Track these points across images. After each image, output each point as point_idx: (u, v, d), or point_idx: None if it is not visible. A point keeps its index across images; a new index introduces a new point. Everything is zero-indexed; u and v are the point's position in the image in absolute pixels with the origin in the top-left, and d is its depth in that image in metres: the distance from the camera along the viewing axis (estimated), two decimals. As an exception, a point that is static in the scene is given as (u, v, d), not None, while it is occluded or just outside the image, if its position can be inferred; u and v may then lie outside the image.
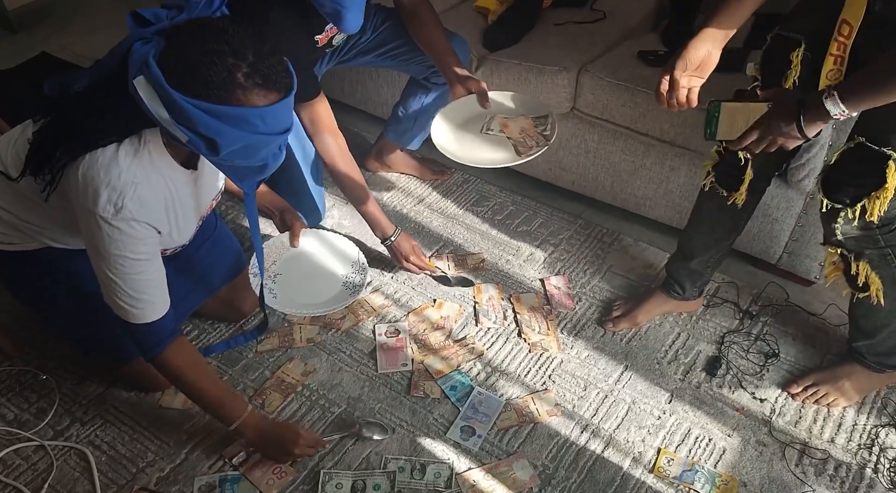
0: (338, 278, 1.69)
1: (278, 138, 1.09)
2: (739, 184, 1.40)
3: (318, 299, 1.65)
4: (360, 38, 1.76)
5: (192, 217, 1.34)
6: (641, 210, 1.92)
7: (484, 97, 1.59)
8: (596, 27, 1.97)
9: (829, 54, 1.14)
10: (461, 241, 1.93)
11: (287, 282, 1.66)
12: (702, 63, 1.24)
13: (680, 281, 1.63)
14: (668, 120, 1.72)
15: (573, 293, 1.77)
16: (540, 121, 1.62)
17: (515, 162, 1.56)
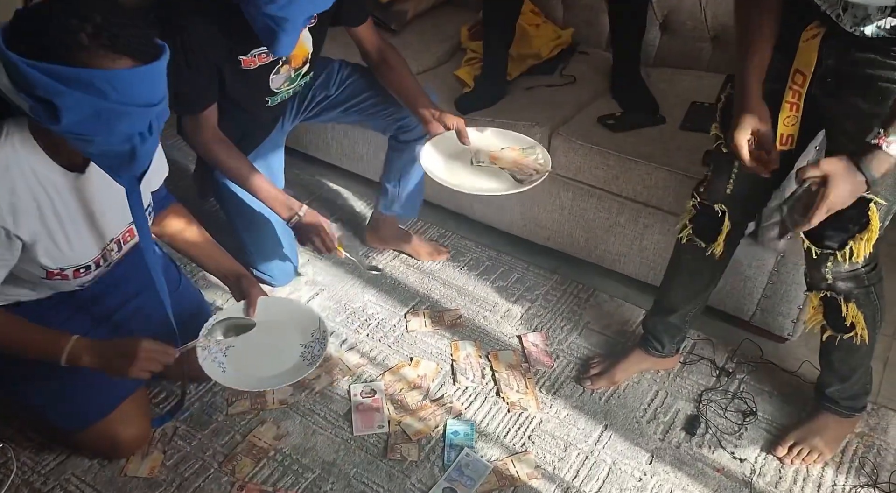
0: (295, 348, 1.45)
1: (138, 112, 1.02)
2: (717, 235, 1.42)
3: (271, 372, 1.41)
4: (325, 94, 1.75)
5: (85, 230, 1.23)
6: (616, 266, 1.94)
7: (462, 133, 1.58)
8: (567, 90, 2.03)
9: (786, 102, 1.19)
10: (438, 296, 1.92)
11: (239, 355, 1.42)
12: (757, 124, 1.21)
13: (658, 337, 1.63)
14: (641, 181, 1.75)
15: (551, 350, 1.76)
16: (528, 151, 1.61)
17: (521, 189, 1.53)
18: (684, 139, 1.78)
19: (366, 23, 1.62)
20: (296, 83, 1.64)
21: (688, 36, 2.09)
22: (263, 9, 1.24)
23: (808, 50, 1.15)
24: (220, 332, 1.40)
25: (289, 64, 1.56)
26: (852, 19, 1.09)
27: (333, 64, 1.76)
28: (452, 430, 1.55)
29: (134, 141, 1.05)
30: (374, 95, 1.73)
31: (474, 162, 1.61)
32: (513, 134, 1.66)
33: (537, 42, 2.14)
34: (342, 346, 1.76)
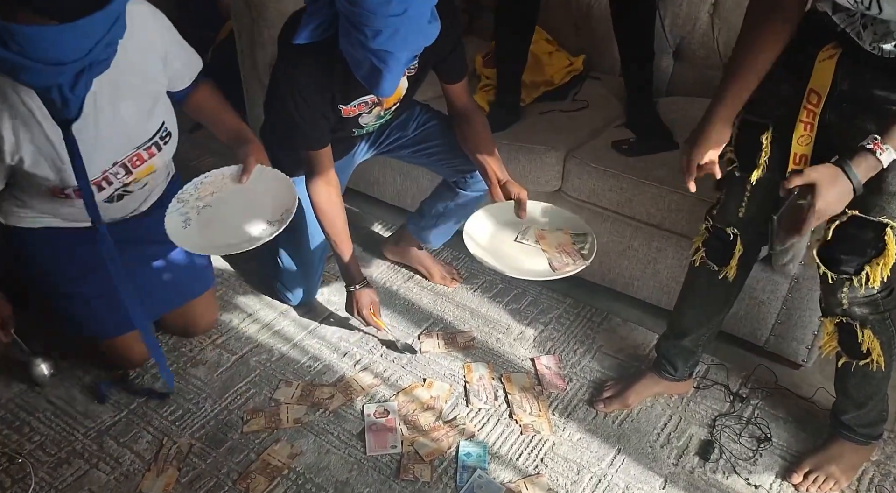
0: (261, 223, 1.46)
1: (41, 68, 1.04)
2: (730, 258, 1.43)
3: (227, 240, 1.43)
4: (400, 134, 1.79)
5: (90, 152, 1.30)
6: (629, 290, 1.94)
7: (522, 206, 1.57)
8: (580, 115, 2.05)
9: (800, 121, 1.19)
10: (451, 318, 1.93)
11: (210, 216, 1.45)
12: (716, 145, 1.28)
13: (671, 360, 1.63)
14: (654, 204, 1.77)
15: (564, 373, 1.77)
16: (579, 238, 1.56)
17: (548, 277, 1.49)
18: (697, 164, 1.79)
19: (461, 81, 1.65)
20: (383, 119, 1.69)
21: (700, 64, 2.11)
22: (370, 44, 1.25)
23: (824, 70, 1.16)
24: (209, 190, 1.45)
25: (380, 106, 1.60)
26: (872, 36, 1.09)
27: (415, 107, 1.80)
28: (465, 451, 1.55)
29: (53, 93, 1.10)
30: (447, 143, 1.75)
31: (519, 238, 1.58)
32: (572, 217, 1.60)
33: (550, 69, 2.17)
34: (356, 366, 1.77)
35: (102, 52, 1.09)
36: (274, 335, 1.86)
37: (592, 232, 1.56)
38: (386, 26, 1.23)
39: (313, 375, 1.75)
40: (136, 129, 1.39)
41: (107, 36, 1.08)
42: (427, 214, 1.93)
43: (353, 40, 1.28)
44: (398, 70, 1.32)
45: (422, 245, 2.03)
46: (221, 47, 2.71)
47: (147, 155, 1.42)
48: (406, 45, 1.28)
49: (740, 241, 1.40)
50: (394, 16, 1.22)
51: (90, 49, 1.06)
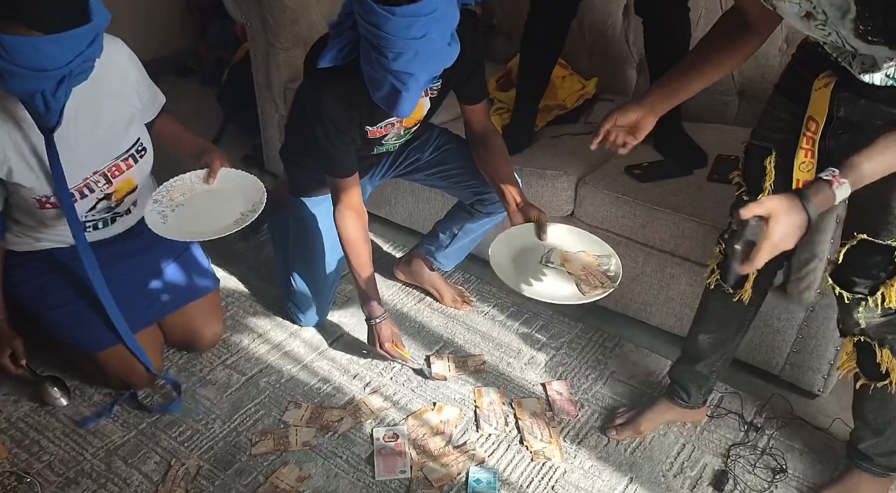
0: (234, 214, 1.54)
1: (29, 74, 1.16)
2: (744, 280, 1.41)
3: (204, 229, 1.51)
4: (418, 156, 1.80)
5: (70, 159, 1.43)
6: (642, 316, 1.93)
7: (542, 228, 1.56)
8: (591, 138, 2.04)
9: (800, 148, 1.20)
10: (461, 341, 1.92)
11: (183, 213, 1.55)
12: (635, 126, 1.33)
13: (685, 386, 1.61)
14: (668, 231, 1.76)
15: (575, 399, 1.75)
16: (603, 260, 1.54)
17: (580, 301, 1.47)
18: (711, 190, 1.79)
19: (480, 103, 1.67)
20: (403, 139, 1.69)
21: (714, 89, 2.11)
22: (390, 66, 1.27)
23: (821, 98, 1.17)
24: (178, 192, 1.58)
25: (401, 122, 1.61)
26: (861, 66, 1.11)
27: (434, 130, 1.82)
28: (475, 478, 1.53)
29: (37, 99, 1.22)
30: (463, 166, 1.76)
31: (544, 261, 1.55)
32: (592, 238, 1.59)
33: (563, 93, 2.18)
34: (366, 389, 1.76)
35: (81, 65, 1.23)
36: (284, 356, 1.86)
37: (615, 253, 1.55)
38: (407, 49, 1.25)
39: (323, 397, 1.74)
40: (113, 141, 1.53)
41: (85, 51, 1.22)
42: (441, 235, 1.93)
43: (374, 62, 1.30)
44: (417, 91, 1.34)
45: (434, 267, 2.03)
46: (237, 69, 2.74)
47: (125, 166, 1.56)
48: (426, 67, 1.30)
49: None
50: (414, 39, 1.24)
51: (70, 60, 1.19)
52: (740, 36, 1.24)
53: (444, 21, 1.27)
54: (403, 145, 1.77)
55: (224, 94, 2.82)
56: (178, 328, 1.78)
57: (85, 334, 1.62)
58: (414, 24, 1.22)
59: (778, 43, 2.00)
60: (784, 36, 1.99)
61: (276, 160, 2.54)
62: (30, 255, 1.62)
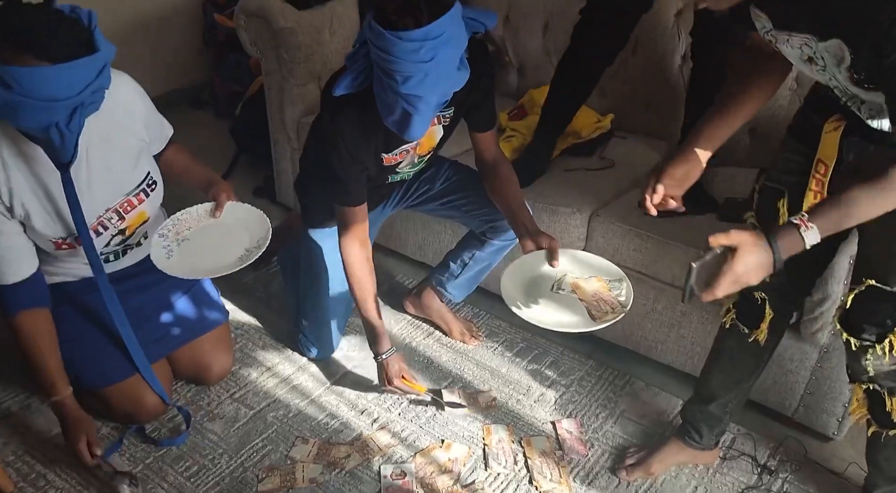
0: (239, 249, 1.54)
1: (41, 105, 1.19)
2: (760, 321, 1.40)
3: (209, 265, 1.52)
4: (428, 187, 1.82)
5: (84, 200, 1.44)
6: (653, 354, 1.91)
7: (554, 255, 1.54)
8: (605, 174, 2.06)
9: (809, 190, 1.20)
10: (470, 377, 1.91)
11: (189, 247, 1.55)
12: (681, 178, 1.32)
13: (697, 427, 1.59)
14: (679, 266, 1.75)
15: (586, 438, 1.73)
16: (614, 285, 1.53)
17: (590, 328, 1.46)
18: (723, 229, 1.76)
19: (490, 131, 1.69)
20: (417, 167, 1.71)
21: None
22: (400, 89, 1.30)
23: (830, 141, 1.17)
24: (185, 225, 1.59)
25: (414, 150, 1.63)
26: (868, 112, 1.11)
27: (444, 161, 1.85)
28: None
29: (51, 132, 1.23)
30: (474, 194, 1.77)
31: (555, 288, 1.54)
32: (604, 262, 1.58)
33: (578, 122, 2.19)
34: (374, 424, 1.75)
35: (91, 95, 1.25)
36: (292, 390, 1.85)
37: (626, 277, 1.54)
38: (416, 72, 1.28)
39: (330, 432, 1.73)
40: (124, 177, 1.54)
41: (95, 81, 1.24)
42: (452, 264, 1.93)
43: (384, 86, 1.33)
44: (427, 114, 1.36)
45: (444, 298, 2.02)
46: (251, 102, 2.78)
47: (136, 201, 1.57)
48: (435, 90, 1.33)
49: (769, 306, 1.38)
50: (423, 62, 1.27)
51: (81, 90, 1.22)
52: (765, 65, 1.25)
53: (451, 45, 1.30)
54: (415, 176, 1.78)
55: (237, 126, 2.86)
56: (187, 362, 1.77)
57: (92, 370, 1.62)
58: (422, 48, 1.26)
59: (788, 82, 2.02)
60: (794, 75, 2.01)
61: (288, 192, 2.57)
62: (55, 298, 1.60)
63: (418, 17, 1.25)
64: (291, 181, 2.52)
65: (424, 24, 1.25)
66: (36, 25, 1.19)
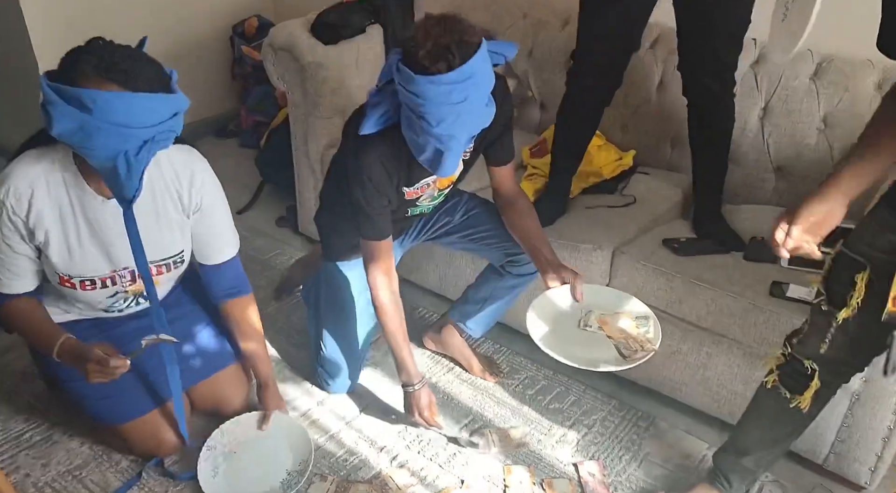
0: (281, 473, 1.63)
1: (115, 130, 1.22)
2: (805, 389, 1.33)
3: (250, 488, 1.60)
4: (448, 219, 1.83)
5: (98, 248, 1.47)
6: (677, 395, 1.87)
7: (577, 288, 1.53)
8: (627, 211, 2.04)
9: None
10: (491, 415, 1.88)
11: (236, 462, 1.64)
12: (821, 220, 1.14)
13: (727, 476, 1.54)
14: (706, 307, 1.73)
15: (608, 482, 1.69)
16: (641, 321, 1.51)
17: (622, 367, 1.44)
18: (749, 269, 1.76)
19: (508, 165, 1.69)
20: (436, 200, 1.72)
21: (751, 167, 2.11)
22: (433, 130, 1.32)
23: None
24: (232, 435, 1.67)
25: (434, 183, 1.64)
26: None
27: (463, 194, 1.86)
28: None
29: (119, 160, 1.25)
30: (493, 228, 1.78)
31: (581, 325, 1.53)
32: (628, 297, 1.56)
33: (598, 161, 2.19)
34: (393, 462, 1.73)
35: (163, 133, 1.28)
36: (311, 426, 1.84)
37: (652, 313, 1.50)
38: (449, 114, 1.30)
39: (349, 470, 1.71)
40: (159, 243, 1.53)
41: (168, 121, 1.28)
42: (472, 299, 1.92)
43: (416, 128, 1.35)
44: (459, 151, 1.38)
45: (463, 333, 2.01)
46: (276, 132, 2.82)
47: (156, 271, 1.55)
48: (466, 129, 1.35)
49: (818, 376, 1.32)
50: (455, 103, 1.29)
51: (154, 125, 1.26)
52: None
53: (481, 84, 1.32)
54: (435, 209, 1.78)
55: (262, 156, 2.89)
56: (206, 396, 1.77)
57: (110, 406, 1.61)
58: (454, 90, 1.27)
59: (816, 122, 2.00)
60: (822, 116, 1.99)
61: (310, 222, 2.57)
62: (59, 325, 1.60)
63: (450, 60, 1.27)
64: (314, 212, 2.54)
65: (456, 66, 1.26)
66: (122, 58, 1.25)
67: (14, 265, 1.47)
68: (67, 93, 1.21)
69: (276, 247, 2.60)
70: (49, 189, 1.40)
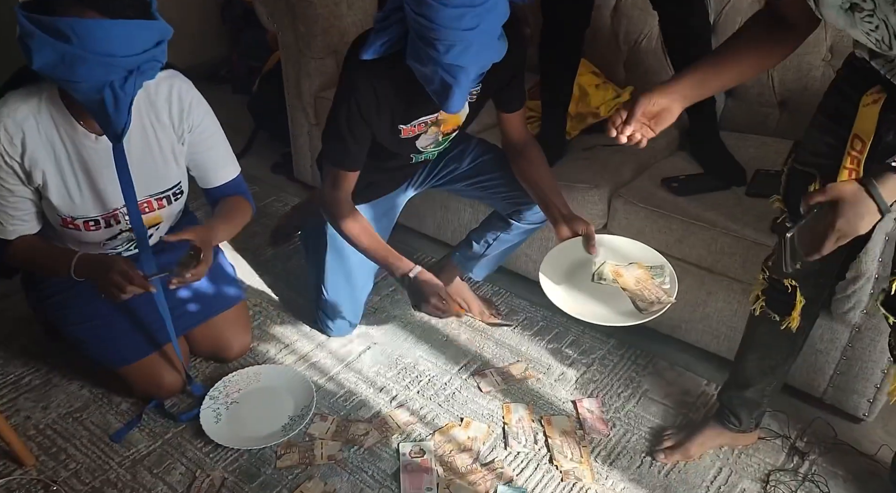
0: (283, 418, 1.66)
1: (98, 60, 1.17)
2: (791, 309, 1.35)
3: (253, 433, 1.62)
4: (455, 166, 1.78)
5: (97, 186, 1.45)
6: (676, 333, 1.87)
7: (590, 241, 1.48)
8: (625, 149, 1.97)
9: (844, 167, 1.11)
10: (490, 356, 1.88)
11: (238, 411, 1.68)
12: (658, 115, 1.19)
13: (735, 412, 1.55)
14: (706, 247, 1.70)
15: (607, 418, 1.70)
16: (656, 271, 1.47)
17: (639, 321, 1.40)
18: (751, 205, 1.73)
19: (519, 111, 1.64)
20: (441, 146, 1.67)
21: (754, 101, 2.06)
22: (442, 59, 1.26)
23: (868, 115, 1.09)
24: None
25: (438, 127, 1.59)
26: None
27: (472, 140, 1.80)
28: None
29: (106, 92, 1.21)
30: (502, 177, 1.72)
31: (595, 278, 1.48)
32: (643, 247, 1.51)
33: (595, 101, 2.14)
34: (392, 402, 1.74)
35: (148, 62, 1.24)
36: (310, 368, 1.84)
37: (668, 263, 1.47)
38: (459, 41, 1.23)
39: (349, 410, 1.72)
40: (155, 175, 1.51)
41: (152, 50, 1.23)
42: (475, 244, 1.89)
43: (423, 56, 1.29)
44: (467, 86, 1.32)
45: (464, 277, 1.99)
46: (268, 77, 2.75)
47: (157, 205, 1.54)
48: (477, 60, 1.29)
49: (800, 293, 1.33)
50: (467, 30, 1.23)
51: (137, 54, 1.21)
52: (778, 34, 1.15)
53: (495, 12, 1.25)
54: (441, 155, 1.74)
55: (255, 102, 2.84)
56: (206, 340, 1.77)
57: (109, 350, 1.62)
58: (466, 15, 1.21)
59: (822, 53, 1.94)
60: (829, 45, 1.93)
61: (306, 169, 2.54)
62: None
63: None
64: (309, 157, 2.50)
65: None
66: None
67: (15, 208, 1.44)
68: (45, 23, 1.16)
69: (271, 193, 2.57)
70: (40, 130, 1.37)
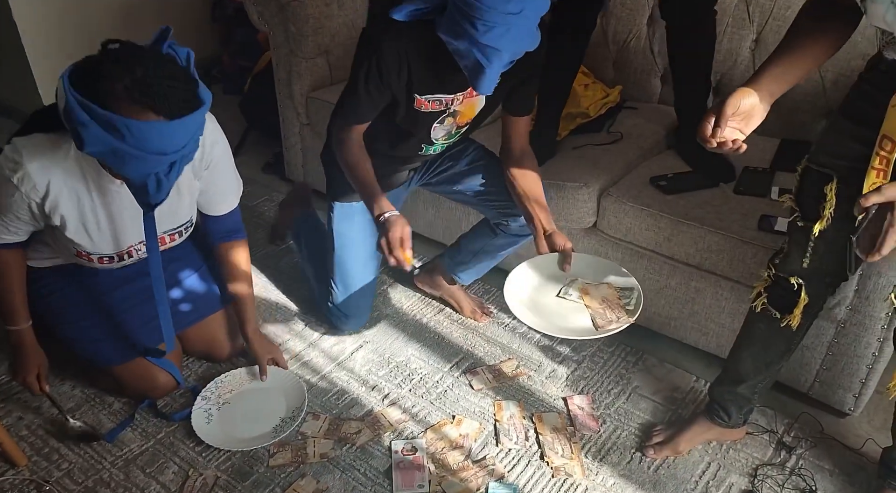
0: (274, 419, 1.66)
1: (150, 158, 1.19)
2: (794, 306, 1.36)
3: (245, 434, 1.62)
4: (451, 164, 1.78)
5: (115, 228, 1.47)
6: (666, 330, 1.89)
7: (567, 259, 1.48)
8: (614, 148, 2.02)
9: (872, 168, 1.10)
10: (481, 353, 1.90)
11: (229, 411, 1.67)
12: (748, 114, 1.13)
13: (725, 407, 1.56)
14: (693, 244, 1.72)
15: (597, 414, 1.71)
16: (625, 293, 1.49)
17: (591, 336, 1.42)
18: (738, 203, 1.75)
19: (525, 117, 1.64)
20: (451, 140, 1.67)
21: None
22: (480, 38, 1.26)
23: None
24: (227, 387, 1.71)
25: (454, 118, 1.58)
26: None
27: (472, 143, 1.80)
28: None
29: (150, 180, 1.24)
30: (494, 184, 1.73)
31: (562, 293, 1.50)
32: (617, 268, 1.53)
33: (585, 101, 2.16)
34: (384, 400, 1.75)
35: (193, 145, 1.25)
36: (302, 366, 1.85)
37: (639, 286, 1.49)
38: (501, 23, 1.24)
39: (341, 408, 1.73)
40: (170, 213, 1.52)
41: (197, 132, 1.25)
42: (463, 250, 1.91)
43: (461, 32, 1.28)
44: (498, 69, 1.32)
45: (453, 280, 2.00)
46: (259, 77, 2.76)
47: (169, 239, 1.58)
48: (513, 45, 1.29)
49: (805, 291, 1.33)
50: (511, 13, 1.23)
51: (186, 143, 1.22)
52: (825, 24, 1.14)
53: (539, 1, 1.27)
54: (441, 152, 1.73)
55: (246, 102, 2.84)
56: (198, 340, 1.77)
57: (102, 350, 1.63)
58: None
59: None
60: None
61: (297, 168, 2.55)
62: (47, 269, 1.61)
63: None
64: (301, 157, 2.51)
65: None
66: (155, 78, 1.17)
67: (14, 227, 1.44)
68: (100, 117, 1.15)
69: (263, 193, 2.57)
70: (66, 179, 1.36)
